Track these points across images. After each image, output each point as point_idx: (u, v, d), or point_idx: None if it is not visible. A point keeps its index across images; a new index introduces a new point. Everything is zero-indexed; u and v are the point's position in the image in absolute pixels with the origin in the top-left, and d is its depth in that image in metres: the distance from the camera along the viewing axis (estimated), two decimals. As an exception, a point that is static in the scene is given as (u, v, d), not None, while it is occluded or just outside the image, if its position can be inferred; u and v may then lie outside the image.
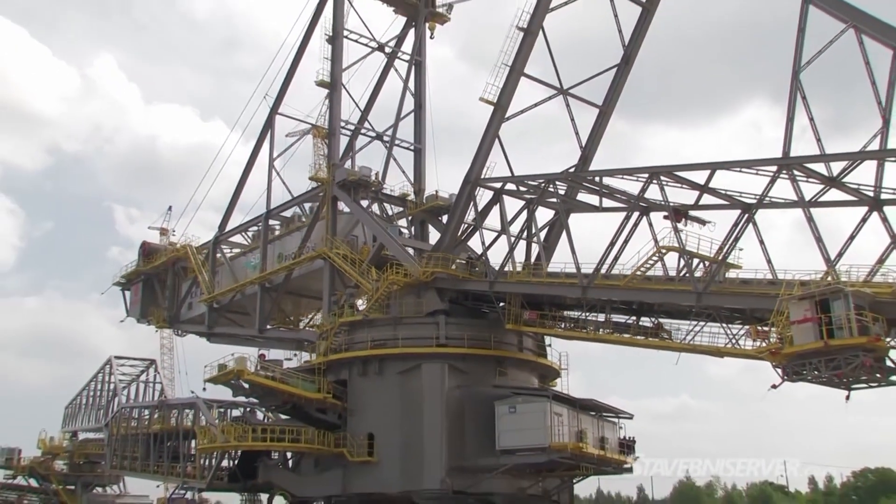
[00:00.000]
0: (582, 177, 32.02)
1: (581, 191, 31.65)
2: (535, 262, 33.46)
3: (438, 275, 32.70)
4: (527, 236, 33.29)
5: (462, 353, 31.77)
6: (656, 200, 27.18)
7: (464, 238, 34.84)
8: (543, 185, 31.45)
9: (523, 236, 33.10)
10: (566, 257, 29.68)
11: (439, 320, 32.24)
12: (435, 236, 39.18)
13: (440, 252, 33.43)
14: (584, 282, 28.38)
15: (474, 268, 33.80)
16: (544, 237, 34.85)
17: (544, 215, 34.45)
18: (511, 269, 32.11)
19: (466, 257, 34.50)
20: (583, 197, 31.90)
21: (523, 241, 33.40)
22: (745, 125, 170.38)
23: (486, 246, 33.44)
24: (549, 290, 30.68)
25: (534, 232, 33.17)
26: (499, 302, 32.09)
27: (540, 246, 33.75)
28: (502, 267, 31.74)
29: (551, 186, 31.55)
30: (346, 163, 40.48)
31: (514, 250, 32.24)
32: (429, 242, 39.39)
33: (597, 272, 28.20)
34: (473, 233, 34.28)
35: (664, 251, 27.11)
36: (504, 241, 32.86)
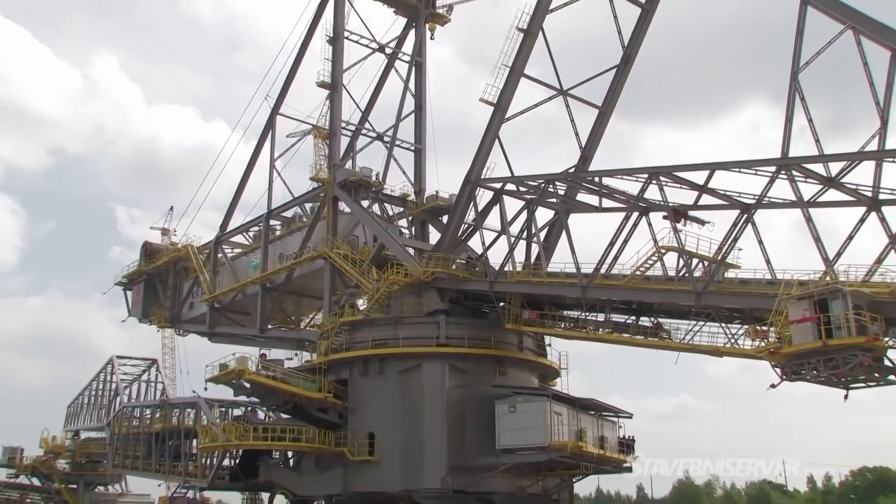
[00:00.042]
0: (582, 177, 32.06)
1: (581, 191, 31.65)
2: (534, 262, 33.45)
3: (439, 275, 32.71)
4: (527, 236, 33.28)
5: (462, 352, 31.82)
6: (656, 200, 27.19)
7: (464, 238, 34.85)
8: (543, 186, 31.45)
9: (523, 236, 33.10)
10: (566, 257, 29.80)
11: (440, 320, 32.27)
12: (435, 236, 39.26)
13: (440, 252, 33.44)
14: (583, 282, 28.39)
15: (474, 268, 33.82)
16: (544, 237, 34.84)
17: (544, 215, 34.55)
18: (511, 269, 32.11)
19: (466, 257, 34.50)
20: (582, 197, 31.92)
21: (523, 241, 33.41)
22: (744, 126, 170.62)
23: (486, 246, 33.53)
24: (548, 290, 30.69)
25: (534, 232, 33.15)
26: (499, 302, 32.12)
27: (540, 246, 33.74)
28: (502, 267, 31.76)
29: (551, 187, 31.56)
30: (347, 163, 40.54)
31: (514, 250, 32.29)
32: (429, 242, 39.46)
33: (596, 272, 28.20)
34: (474, 233, 34.32)
35: (663, 251, 27.06)
36: (504, 242, 32.95)
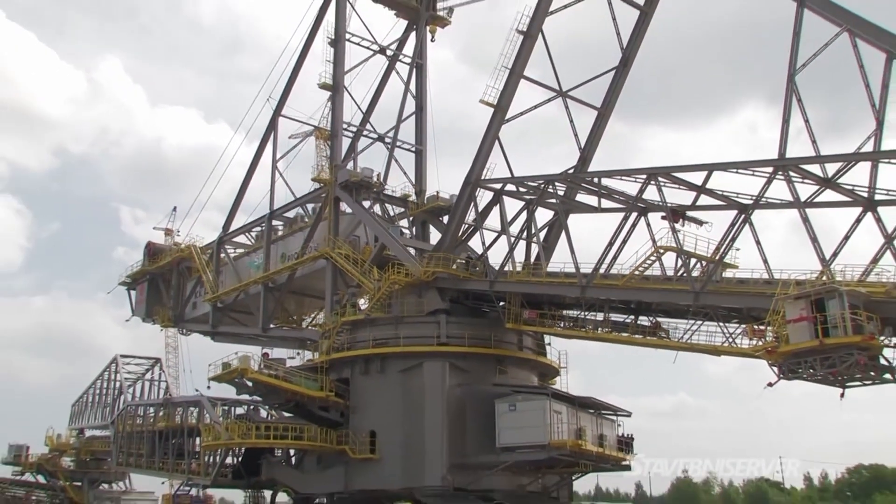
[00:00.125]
0: (581, 178, 32.23)
1: (580, 192, 31.78)
2: (534, 261, 33.59)
3: (439, 274, 32.84)
4: (526, 236, 33.38)
5: (463, 351, 31.95)
6: (654, 201, 27.31)
7: (464, 238, 34.96)
8: (543, 186, 31.55)
9: (523, 236, 33.21)
10: (565, 257, 29.93)
11: (440, 319, 32.41)
12: (436, 236, 39.46)
13: (441, 252, 33.57)
14: (583, 281, 28.51)
15: (475, 268, 33.95)
16: (544, 237, 34.96)
17: (544, 216, 34.66)
18: (511, 269, 32.24)
19: (466, 257, 34.61)
20: (582, 198, 32.05)
21: (523, 241, 33.52)
22: (742, 127, 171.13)
23: (486, 246, 33.67)
24: (548, 290, 30.82)
25: (533, 232, 33.23)
26: (499, 301, 32.26)
27: (539, 246, 33.86)
28: (502, 267, 31.89)
29: (551, 187, 31.65)
30: (348, 164, 40.67)
31: (514, 250, 32.42)
32: (430, 242, 39.62)
33: (596, 272, 28.32)
34: (474, 233, 34.45)
35: (662, 251, 27.16)
36: (504, 242, 33.08)
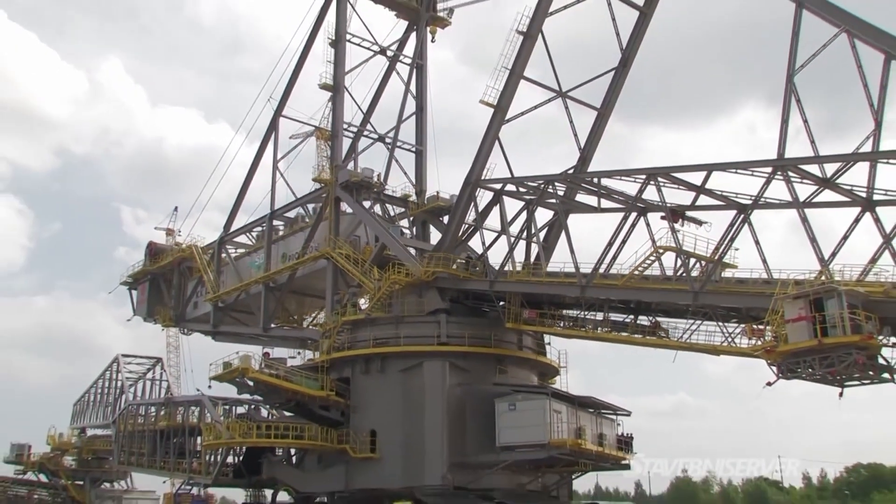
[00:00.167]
0: (581, 178, 32.33)
1: (580, 192, 31.85)
2: (534, 261, 33.67)
3: (440, 274, 32.92)
4: (526, 236, 33.45)
5: (463, 351, 32.01)
6: (654, 201, 27.38)
7: (464, 238, 35.04)
8: (543, 186, 31.62)
9: (523, 236, 33.29)
10: (565, 257, 30.02)
11: (440, 319, 32.48)
12: (436, 236, 39.57)
13: (441, 252, 33.67)
14: (582, 281, 28.58)
15: (474, 267, 34.04)
16: (544, 237, 35.04)
17: (544, 216, 34.74)
18: (511, 269, 32.32)
19: (466, 257, 34.69)
20: (581, 198, 32.13)
21: (523, 241, 33.60)
22: (741, 127, 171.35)
23: (486, 246, 33.70)
24: (548, 290, 30.90)
25: (533, 232, 33.30)
26: (499, 301, 32.35)
27: (539, 246, 33.94)
28: (502, 267, 31.96)
29: (550, 187, 31.71)
30: (349, 164, 40.75)
31: (514, 250, 32.49)
32: (430, 242, 39.74)
33: (595, 272, 28.40)
34: (474, 233, 34.52)
35: (661, 251, 27.25)
36: (504, 242, 33.14)
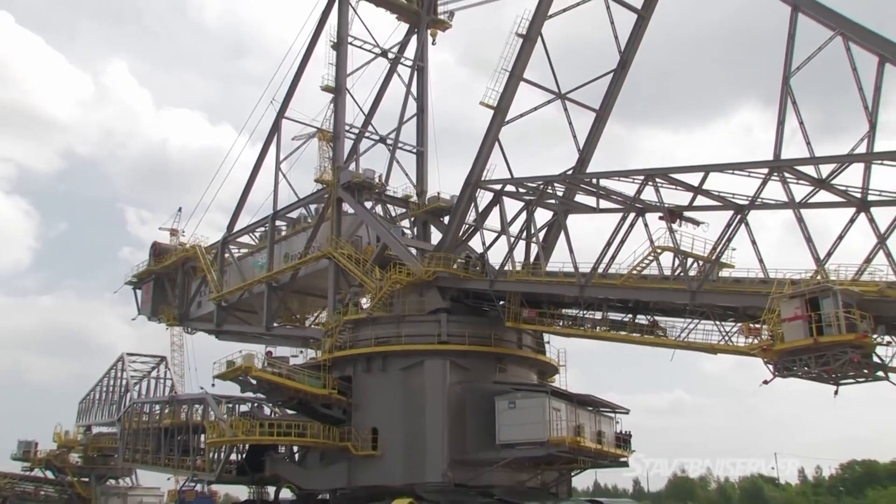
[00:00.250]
0: (579, 179, 32.53)
1: (579, 192, 32.02)
2: (534, 261, 33.86)
3: (440, 274, 33.10)
4: (526, 236, 33.61)
5: (463, 349, 32.17)
6: (652, 202, 27.60)
7: (465, 238, 35.19)
8: (542, 187, 31.78)
9: (523, 236, 33.45)
10: (564, 257, 30.21)
11: (441, 318, 32.65)
12: (437, 237, 39.79)
13: (442, 252, 33.89)
14: (581, 281, 28.78)
15: (475, 267, 34.28)
16: (543, 237, 35.17)
17: (543, 216, 34.90)
18: (511, 269, 32.52)
19: (465, 256, 34.85)
20: (580, 198, 32.27)
21: (523, 241, 33.79)
22: (738, 129, 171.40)
23: (486, 246, 33.92)
24: (547, 289, 31.07)
25: (533, 232, 33.42)
26: (499, 300, 32.56)
27: (539, 246, 34.08)
28: (502, 266, 32.16)
29: (550, 188, 31.87)
30: (351, 165, 41.07)
31: (514, 250, 32.69)
32: (431, 242, 39.95)
33: (594, 271, 28.60)
34: (474, 233, 34.70)
35: (659, 251, 27.44)
36: (504, 242, 33.35)
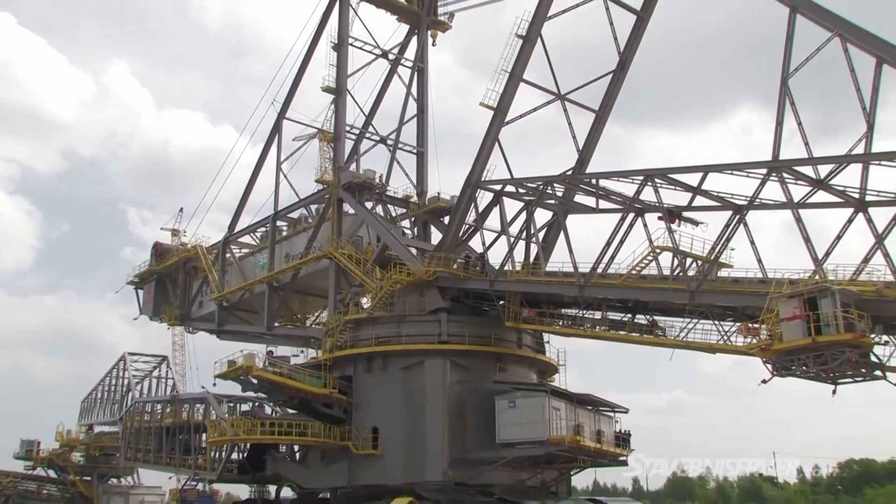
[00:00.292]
0: (579, 179, 32.61)
1: (578, 193, 32.11)
2: (533, 261, 33.96)
3: (440, 274, 33.20)
4: (526, 237, 33.71)
5: (463, 349, 32.26)
6: (651, 202, 27.73)
7: (465, 238, 35.29)
8: (542, 187, 31.89)
9: (522, 237, 33.56)
10: (564, 257, 30.30)
11: (441, 318, 32.75)
12: (437, 237, 39.84)
13: (442, 252, 33.99)
14: (581, 281, 28.88)
15: (475, 267, 34.38)
16: (543, 237, 35.25)
17: (543, 216, 34.96)
18: (510, 269, 32.63)
19: (465, 256, 34.94)
20: (580, 199, 32.36)
21: (522, 241, 33.90)
22: (736, 129, 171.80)
23: (486, 246, 34.01)
24: (547, 289, 31.18)
25: (532, 232, 33.53)
26: (499, 300, 32.67)
27: (539, 246, 34.17)
28: (502, 266, 32.27)
29: (549, 188, 31.96)
30: (351, 166, 41.13)
31: (514, 250, 32.81)
32: (431, 243, 40.02)
33: (593, 271, 28.71)
34: (474, 233, 34.80)
35: (658, 251, 27.56)
36: (504, 242, 33.45)
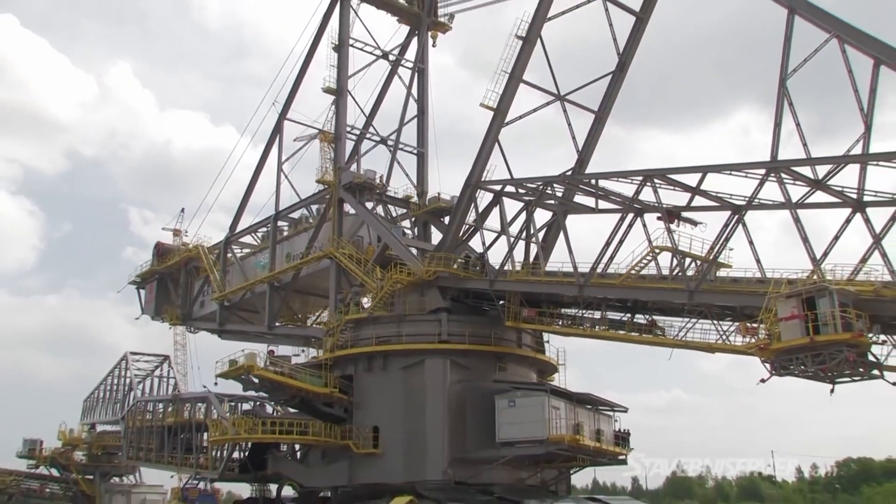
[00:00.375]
0: (579, 179, 32.69)
1: (578, 193, 32.21)
2: (533, 261, 34.06)
3: (441, 274, 33.30)
4: (526, 237, 33.83)
5: (463, 349, 32.35)
6: (650, 202, 27.84)
7: (465, 238, 35.39)
8: (541, 188, 31.99)
9: (522, 237, 33.68)
10: (564, 257, 30.39)
11: (441, 317, 32.85)
12: (437, 237, 39.91)
13: (442, 252, 34.11)
14: (580, 280, 28.98)
15: (475, 267, 34.49)
16: (542, 237, 35.33)
17: (542, 216, 35.11)
18: (510, 269, 32.73)
19: (465, 256, 35.03)
20: (579, 199, 32.48)
21: (522, 241, 34.01)
22: (735, 130, 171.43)
23: (486, 246, 34.14)
24: (547, 289, 31.27)
25: (532, 232, 33.64)
26: (499, 300, 32.78)
27: (538, 246, 34.26)
28: (502, 266, 32.38)
29: (549, 189, 32.03)
30: (352, 166, 41.20)
31: (514, 250, 32.93)
32: (431, 243, 40.09)
33: (593, 271, 28.80)
34: (474, 233, 34.91)
35: (658, 251, 27.66)
36: (504, 242, 33.59)
